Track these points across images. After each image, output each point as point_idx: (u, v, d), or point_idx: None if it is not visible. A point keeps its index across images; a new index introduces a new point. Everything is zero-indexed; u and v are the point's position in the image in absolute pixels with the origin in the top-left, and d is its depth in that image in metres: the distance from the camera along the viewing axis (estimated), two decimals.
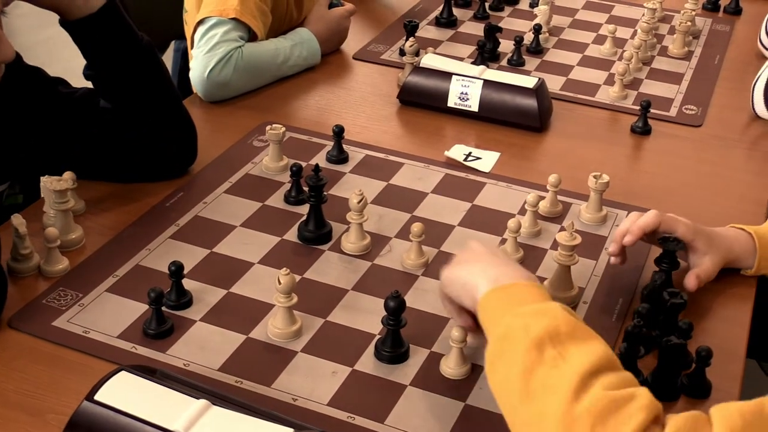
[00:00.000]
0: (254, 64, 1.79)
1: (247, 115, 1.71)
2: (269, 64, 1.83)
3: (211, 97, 1.77)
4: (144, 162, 1.48)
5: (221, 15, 1.77)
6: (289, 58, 1.86)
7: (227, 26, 1.77)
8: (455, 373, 1.14)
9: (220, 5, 1.77)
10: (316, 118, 1.72)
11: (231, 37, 1.77)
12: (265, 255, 1.35)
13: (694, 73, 1.97)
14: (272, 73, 1.85)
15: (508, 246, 1.36)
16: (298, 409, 1.09)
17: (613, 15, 2.24)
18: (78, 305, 1.23)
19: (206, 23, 1.77)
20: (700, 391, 1.12)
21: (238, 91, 1.80)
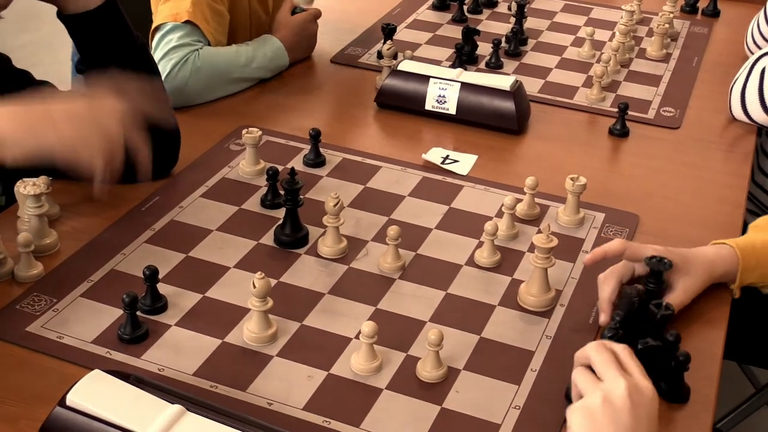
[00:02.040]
0: (213, 67, 1.78)
1: (223, 119, 1.72)
2: (230, 65, 1.81)
3: (176, 101, 1.73)
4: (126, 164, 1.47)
5: (175, 20, 1.76)
6: (253, 59, 1.85)
7: (182, 31, 1.76)
8: (431, 376, 1.14)
9: (173, 10, 1.77)
10: (293, 122, 1.72)
11: (186, 41, 1.76)
12: (242, 259, 1.35)
13: (672, 75, 1.99)
14: (235, 76, 1.83)
15: (485, 249, 1.36)
16: (273, 413, 1.08)
17: (591, 17, 2.25)
18: (52, 310, 1.23)
19: (161, 29, 1.77)
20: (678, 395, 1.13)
21: (199, 95, 1.78)
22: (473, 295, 1.30)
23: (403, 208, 1.49)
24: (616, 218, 1.48)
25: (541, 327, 1.25)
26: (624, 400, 0.95)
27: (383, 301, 1.28)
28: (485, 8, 2.26)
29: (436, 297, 1.29)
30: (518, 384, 1.15)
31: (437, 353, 1.14)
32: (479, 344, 1.21)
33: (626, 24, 2.03)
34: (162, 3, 1.80)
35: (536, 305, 1.28)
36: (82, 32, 1.40)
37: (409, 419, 1.09)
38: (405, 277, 1.33)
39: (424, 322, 1.24)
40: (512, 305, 1.29)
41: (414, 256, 1.37)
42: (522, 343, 1.22)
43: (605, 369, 0.99)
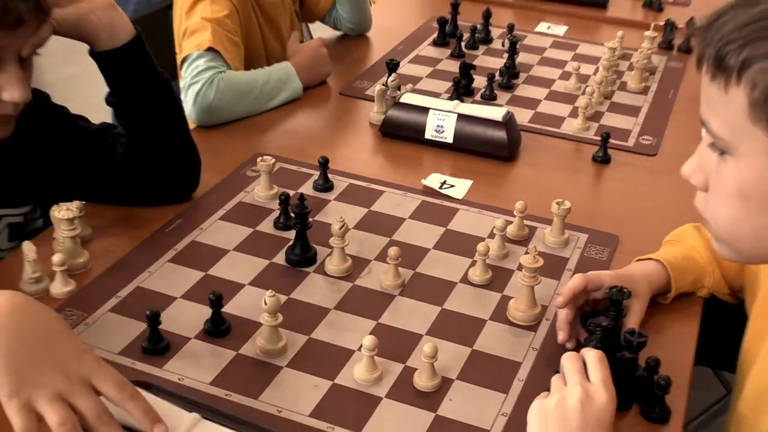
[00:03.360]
0: (236, 86, 1.81)
1: (240, 148, 1.72)
2: (250, 85, 1.85)
3: (201, 121, 1.79)
4: (151, 187, 1.49)
5: (199, 49, 1.81)
6: (269, 80, 1.88)
7: (206, 57, 1.81)
8: (427, 386, 1.15)
9: (196, 41, 1.82)
10: (304, 150, 1.72)
11: (210, 65, 1.80)
12: (255, 277, 1.35)
13: (650, 106, 1.98)
14: (255, 95, 1.86)
15: (478, 268, 1.37)
16: (282, 420, 1.09)
17: (577, 53, 2.25)
18: (83, 324, 1.23)
19: (188, 59, 1.82)
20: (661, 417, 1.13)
21: (225, 112, 1.81)
22: (466, 311, 1.31)
23: (403, 229, 1.49)
24: (598, 239, 1.48)
25: (528, 340, 1.25)
26: (575, 405, 0.96)
27: (384, 316, 1.28)
28: (481, 44, 2.26)
29: (432, 312, 1.30)
30: (506, 393, 1.15)
31: (432, 365, 1.14)
32: (471, 356, 1.22)
33: (609, 59, 2.04)
34: (185, 39, 1.85)
35: (524, 320, 1.28)
36: (111, 68, 1.41)
37: (406, 426, 1.10)
38: (404, 293, 1.33)
39: (421, 336, 1.25)
40: (502, 320, 1.29)
41: (413, 275, 1.38)
42: (510, 354, 1.22)
43: (570, 376, 1.01)
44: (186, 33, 1.86)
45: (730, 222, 0.95)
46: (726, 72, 0.87)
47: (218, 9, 1.86)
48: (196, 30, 1.84)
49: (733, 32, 0.86)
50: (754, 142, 0.88)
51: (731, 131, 0.90)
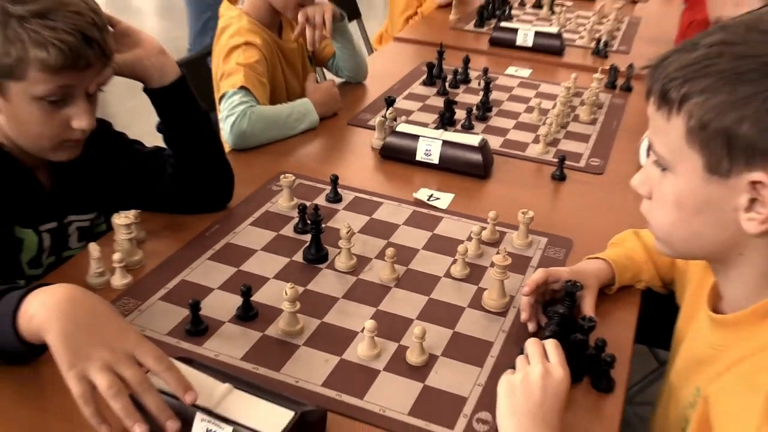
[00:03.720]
0: (264, 117, 1.80)
1: (267, 167, 1.71)
2: (276, 117, 1.84)
3: (236, 145, 1.78)
4: (193, 199, 1.48)
5: (233, 87, 1.80)
6: (292, 113, 1.87)
7: (239, 94, 1.80)
8: (417, 361, 1.14)
9: (231, 82, 1.81)
10: (319, 169, 1.71)
11: (243, 100, 1.79)
12: (278, 272, 1.34)
13: (598, 134, 1.97)
14: (281, 125, 1.84)
15: (458, 265, 1.35)
16: (299, 389, 1.08)
17: (539, 91, 2.24)
18: (137, 311, 1.22)
19: (226, 96, 1.81)
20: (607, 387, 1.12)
21: (256, 138, 1.79)
22: (449, 300, 1.30)
23: (398, 234, 1.48)
24: (556, 242, 1.47)
25: (498, 324, 1.24)
26: (537, 379, 0.96)
27: (382, 304, 1.27)
28: (462, 84, 2.25)
29: (421, 301, 1.29)
30: (481, 367, 1.14)
31: (421, 344, 1.13)
32: (453, 337, 1.21)
33: (564, 96, 2.03)
34: (222, 80, 1.84)
35: (495, 307, 1.27)
36: (161, 102, 1.40)
37: (400, 394, 1.09)
38: (399, 286, 1.32)
39: (412, 320, 1.24)
40: (478, 307, 1.28)
41: (406, 270, 1.36)
42: (484, 335, 1.21)
43: (532, 356, 1.01)
44: (223, 75, 1.85)
45: (668, 225, 0.95)
46: (669, 104, 0.88)
47: (249, 56, 1.85)
48: (232, 73, 1.83)
49: (675, 71, 0.87)
50: (690, 162, 0.88)
51: (671, 152, 0.90)
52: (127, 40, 1.34)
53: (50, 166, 1.32)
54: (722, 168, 0.85)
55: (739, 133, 0.82)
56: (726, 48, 0.84)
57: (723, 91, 0.83)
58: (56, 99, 1.17)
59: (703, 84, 0.84)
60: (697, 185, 0.88)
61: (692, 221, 0.91)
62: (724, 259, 0.94)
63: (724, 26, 0.88)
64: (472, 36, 2.71)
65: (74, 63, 1.14)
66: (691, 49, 0.87)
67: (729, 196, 0.86)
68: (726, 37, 0.85)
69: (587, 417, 1.07)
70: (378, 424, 1.03)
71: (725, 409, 0.88)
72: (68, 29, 1.12)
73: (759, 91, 0.81)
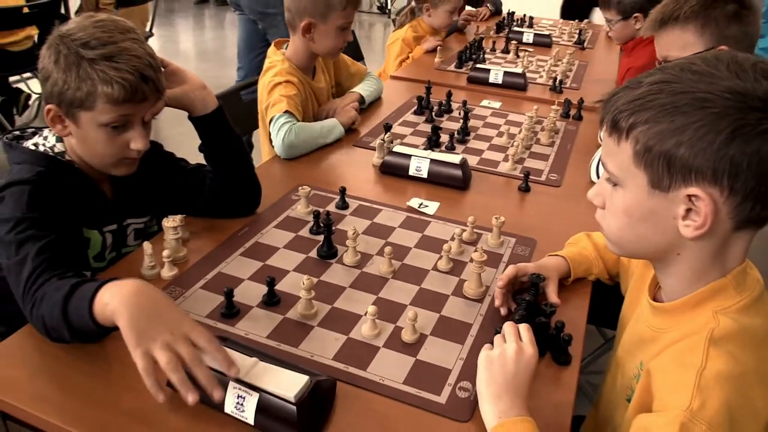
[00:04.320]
0: (304, 132, 1.82)
1: (288, 181, 1.68)
2: (313, 130, 1.86)
3: (287, 155, 1.80)
4: (228, 206, 1.46)
5: (280, 111, 1.81)
6: (323, 126, 1.90)
7: (285, 116, 1.81)
8: (410, 339, 1.12)
9: (278, 108, 1.83)
10: (330, 182, 1.69)
11: (288, 121, 1.81)
12: (297, 266, 1.32)
13: (555, 154, 1.95)
14: (315, 137, 1.87)
15: (443, 261, 1.33)
16: (314, 362, 1.06)
17: (508, 119, 2.22)
18: (182, 297, 1.20)
19: (274, 118, 1.82)
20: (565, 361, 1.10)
21: (298, 149, 1.81)
22: (436, 289, 1.27)
23: (394, 235, 1.45)
24: (523, 242, 1.45)
25: (477, 309, 1.22)
26: (511, 356, 0.95)
27: (382, 292, 1.25)
28: (445, 113, 2.23)
29: (413, 290, 1.26)
30: (462, 344, 1.12)
31: (413, 325, 1.11)
32: (439, 319, 1.18)
33: (528, 124, 2.01)
34: (270, 108, 1.86)
35: (474, 295, 1.25)
36: (202, 127, 1.38)
37: (396, 366, 1.07)
38: (395, 277, 1.30)
39: (405, 305, 1.22)
40: (459, 295, 1.26)
41: (401, 265, 1.34)
42: (465, 318, 1.19)
43: (508, 336, 0.99)
44: (269, 105, 1.86)
45: (618, 231, 0.93)
46: (618, 131, 0.87)
47: (289, 90, 1.88)
48: (277, 102, 1.85)
49: (624, 105, 0.86)
50: (637, 179, 0.86)
51: (621, 171, 0.88)
52: (175, 77, 1.32)
53: (111, 179, 1.30)
54: (663, 184, 0.84)
55: (677, 155, 0.81)
56: (665, 86, 0.83)
57: (663, 121, 0.82)
58: (118, 125, 1.16)
59: (647, 115, 0.83)
60: (642, 198, 0.87)
61: (638, 227, 0.89)
62: (664, 258, 0.92)
63: (663, 68, 0.87)
64: (454, 75, 2.69)
65: (133, 97, 1.13)
66: (636, 86, 0.86)
67: (669, 207, 0.85)
68: (664, 77, 0.84)
69: (549, 385, 1.05)
70: (378, 391, 1.01)
71: (663, 382, 0.87)
72: (129, 70, 1.12)
73: (692, 121, 0.80)
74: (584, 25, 3.68)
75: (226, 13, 7.75)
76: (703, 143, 0.79)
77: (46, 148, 1.23)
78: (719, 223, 0.83)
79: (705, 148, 0.79)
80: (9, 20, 3.56)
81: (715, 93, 0.79)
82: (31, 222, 1.10)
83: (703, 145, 0.79)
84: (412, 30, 3.06)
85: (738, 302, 0.87)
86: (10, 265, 1.07)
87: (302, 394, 0.90)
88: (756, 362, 0.82)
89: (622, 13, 2.58)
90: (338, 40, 1.95)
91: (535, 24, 3.77)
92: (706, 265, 0.88)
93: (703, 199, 0.81)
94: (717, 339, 0.83)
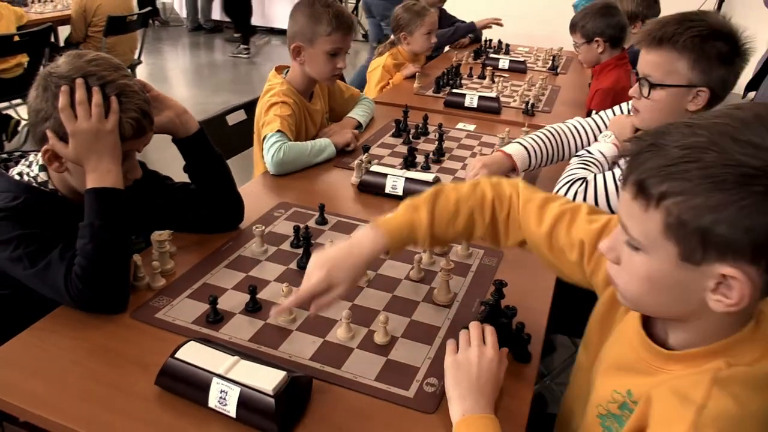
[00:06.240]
0: (295, 151, 1.92)
1: (270, 198, 1.75)
2: (303, 149, 1.95)
3: (277, 171, 1.89)
4: (212, 221, 1.53)
5: (273, 131, 1.93)
6: (315, 146, 1.99)
7: (277, 135, 1.92)
8: (382, 341, 1.19)
9: (272, 126, 1.94)
10: (311, 199, 1.76)
11: (280, 139, 1.91)
12: (277, 276, 1.38)
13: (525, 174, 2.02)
14: (306, 155, 1.96)
15: (415, 270, 1.40)
16: (292, 362, 1.13)
17: (481, 141, 2.30)
18: (170, 305, 1.26)
19: (268, 136, 1.93)
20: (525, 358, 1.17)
21: (289, 166, 1.90)
22: (408, 296, 1.34)
23: None
24: (490, 253, 1.53)
25: (445, 313, 1.29)
26: (475, 360, 1.01)
27: (357, 300, 1.31)
28: (422, 136, 2.31)
29: (387, 297, 1.33)
30: (431, 345, 1.19)
31: (385, 328, 1.18)
32: (410, 323, 1.25)
33: (500, 145, 2.09)
34: (264, 126, 1.97)
35: (442, 302, 1.32)
36: (185, 149, 1.47)
37: (369, 365, 1.13)
38: (370, 286, 1.36)
39: (379, 311, 1.28)
40: (429, 301, 1.33)
41: (375, 275, 1.41)
42: (434, 322, 1.26)
43: (473, 339, 1.05)
44: (265, 123, 1.97)
45: (636, 294, 0.85)
46: (647, 197, 0.77)
47: (284, 111, 1.99)
48: (271, 121, 1.95)
49: (653, 169, 0.76)
50: (665, 250, 0.78)
51: (647, 239, 0.79)
52: (158, 104, 1.41)
53: None
54: (695, 258, 0.76)
55: (714, 233, 0.73)
56: (701, 153, 0.74)
57: (701, 195, 0.73)
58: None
59: (682, 186, 0.74)
60: (669, 269, 0.79)
61: (660, 295, 0.82)
62: (684, 320, 0.85)
63: (694, 125, 0.77)
64: (432, 99, 2.79)
65: (137, 133, 1.24)
66: (666, 146, 0.76)
67: (698, 280, 0.77)
68: (699, 141, 0.75)
69: (511, 380, 1.11)
70: (351, 387, 1.08)
71: (660, 414, 0.81)
72: (133, 108, 1.21)
73: (734, 200, 0.71)
74: (558, 51, 3.82)
75: (216, 40, 7.88)
76: (745, 224, 0.71)
77: (30, 178, 1.29)
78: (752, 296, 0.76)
79: (747, 229, 0.72)
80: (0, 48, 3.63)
81: (760, 169, 0.71)
82: (32, 237, 1.19)
83: (744, 225, 0.71)
84: (391, 57, 3.18)
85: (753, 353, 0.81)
86: (29, 276, 1.17)
87: (280, 387, 0.97)
88: (759, 405, 0.77)
89: (585, 36, 2.72)
90: (329, 65, 2.05)
91: (511, 51, 3.91)
92: (728, 325, 0.82)
93: (739, 280, 0.74)
94: (722, 379, 0.78)
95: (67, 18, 4.48)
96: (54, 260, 1.17)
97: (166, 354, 1.04)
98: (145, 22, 4.63)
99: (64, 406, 1.01)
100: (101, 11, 4.33)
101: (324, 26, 1.99)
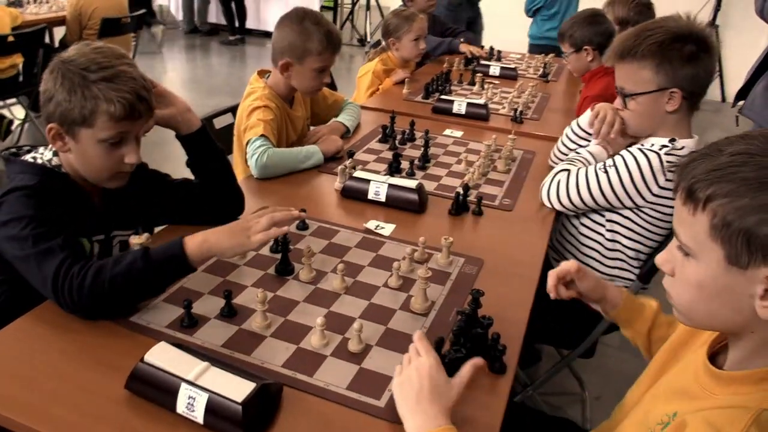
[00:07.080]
0: (279, 156, 1.92)
1: (254, 201, 1.74)
2: (287, 156, 1.95)
3: (260, 175, 1.89)
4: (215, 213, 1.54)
5: (256, 135, 1.93)
6: (301, 152, 1.99)
7: (260, 140, 1.92)
8: (356, 349, 1.18)
9: (254, 131, 1.94)
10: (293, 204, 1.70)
11: (263, 144, 1.91)
12: (256, 281, 1.38)
13: (510, 181, 2.03)
14: (292, 161, 1.96)
15: (393, 278, 1.40)
16: (264, 368, 1.12)
17: (468, 148, 2.30)
18: (145, 308, 1.25)
19: (251, 141, 1.93)
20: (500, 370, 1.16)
21: (272, 171, 1.90)
22: (385, 304, 1.34)
23: (350, 254, 1.52)
24: (471, 261, 1.52)
25: (421, 321, 1.29)
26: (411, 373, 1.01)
27: (333, 307, 1.31)
28: (408, 141, 2.31)
29: (363, 304, 1.33)
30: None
31: (359, 335, 1.18)
32: (385, 331, 1.25)
33: (486, 152, 2.10)
34: (247, 131, 1.97)
35: (419, 310, 1.32)
36: (188, 145, 1.52)
37: (341, 373, 1.13)
38: (347, 293, 1.36)
39: (355, 318, 1.27)
40: (406, 309, 1.32)
41: (353, 282, 1.41)
42: (410, 330, 1.25)
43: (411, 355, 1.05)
44: (247, 128, 1.97)
45: (689, 303, 0.87)
46: (695, 201, 0.81)
47: (266, 115, 1.99)
48: (254, 125, 1.95)
49: (702, 174, 0.81)
50: (712, 252, 0.81)
51: (695, 243, 0.83)
52: (163, 99, 1.45)
53: (102, 193, 1.41)
54: (741, 261, 0.78)
55: (759, 234, 0.76)
56: (749, 158, 0.78)
57: (746, 196, 0.76)
58: (115, 141, 1.28)
59: (728, 188, 0.78)
60: (717, 273, 0.81)
61: (711, 303, 0.84)
62: (737, 333, 0.86)
63: (747, 136, 0.81)
64: (420, 105, 2.79)
65: (130, 114, 1.26)
66: (716, 154, 0.81)
67: (746, 285, 0.79)
68: (749, 148, 0.79)
69: (485, 393, 1.12)
70: (322, 395, 1.08)
71: None
72: (128, 90, 1.24)
73: None
74: (549, 59, 3.82)
75: (212, 43, 7.87)
76: None
77: (44, 161, 1.34)
78: None
79: None
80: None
81: None
82: (42, 220, 1.21)
83: None
84: (381, 63, 3.18)
85: None
86: (29, 256, 1.18)
87: (248, 396, 0.96)
88: None
89: (574, 45, 2.73)
90: (315, 81, 2.07)
91: (503, 58, 3.91)
92: None
93: None
94: (764, 421, 0.77)
95: (62, 19, 4.47)
96: (54, 248, 1.18)
97: (138, 357, 1.03)
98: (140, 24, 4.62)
99: (32, 408, 1.01)
100: (97, 14, 4.33)
101: (315, 45, 1.98)
